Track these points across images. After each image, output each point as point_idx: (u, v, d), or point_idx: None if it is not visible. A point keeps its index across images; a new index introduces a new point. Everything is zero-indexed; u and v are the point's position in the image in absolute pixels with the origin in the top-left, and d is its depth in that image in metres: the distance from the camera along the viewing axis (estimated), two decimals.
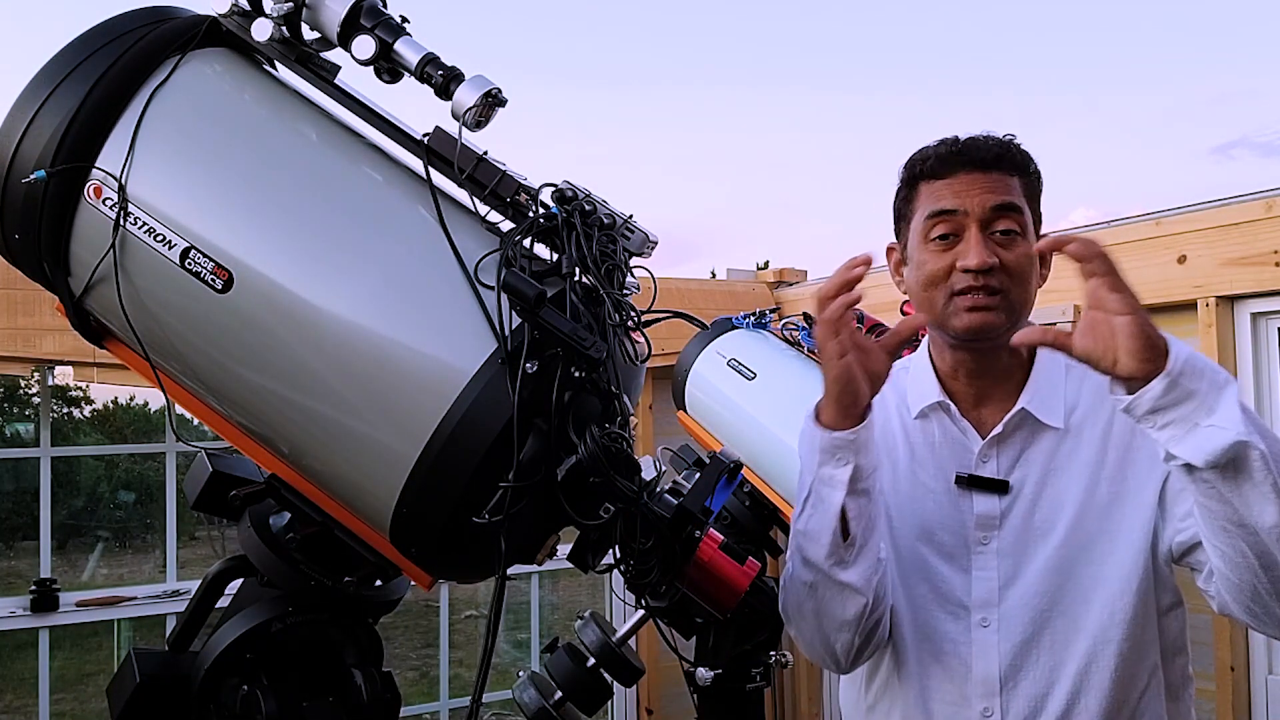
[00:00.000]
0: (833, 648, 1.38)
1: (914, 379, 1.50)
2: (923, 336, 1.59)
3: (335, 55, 1.30)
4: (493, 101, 1.22)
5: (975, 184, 1.36)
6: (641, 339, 1.25)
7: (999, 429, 1.40)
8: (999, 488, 1.38)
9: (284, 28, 1.25)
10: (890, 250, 1.50)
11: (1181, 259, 2.93)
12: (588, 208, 1.21)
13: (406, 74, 1.24)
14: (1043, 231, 1.43)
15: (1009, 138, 1.41)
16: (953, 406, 1.43)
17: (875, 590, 1.34)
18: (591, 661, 1.26)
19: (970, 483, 1.39)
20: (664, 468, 1.23)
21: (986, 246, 1.33)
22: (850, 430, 1.27)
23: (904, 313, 2.03)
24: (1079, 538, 1.35)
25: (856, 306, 1.24)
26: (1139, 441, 1.34)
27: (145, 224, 1.16)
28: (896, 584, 1.41)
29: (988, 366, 1.42)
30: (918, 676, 1.40)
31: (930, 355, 1.48)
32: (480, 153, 1.22)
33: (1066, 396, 1.40)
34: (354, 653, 1.33)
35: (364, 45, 1.22)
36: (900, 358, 1.55)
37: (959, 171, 1.37)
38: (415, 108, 1.26)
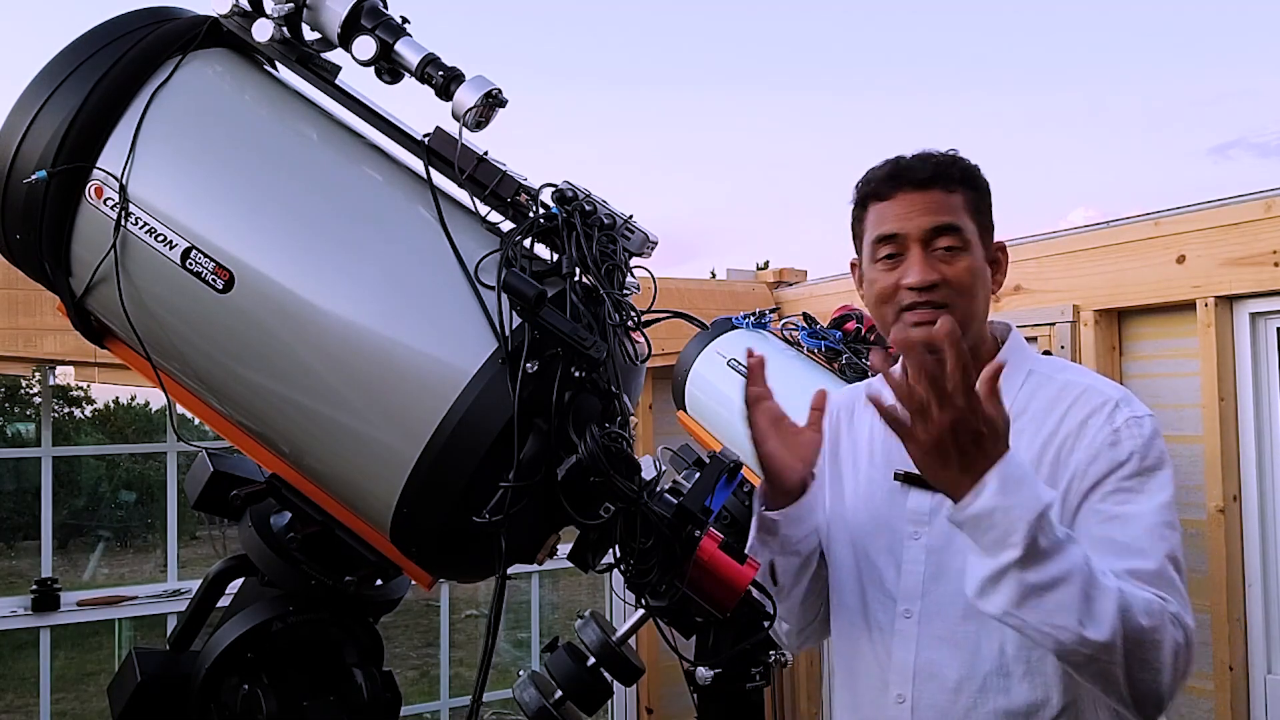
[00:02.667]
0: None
1: (886, 387, 1.55)
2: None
3: (336, 55, 1.30)
4: (493, 102, 1.22)
5: (915, 205, 1.43)
6: (641, 339, 1.25)
7: None
8: (930, 484, 1.42)
9: (284, 28, 1.25)
10: (853, 266, 1.59)
11: (1180, 259, 2.93)
12: (588, 208, 1.21)
13: (407, 74, 1.24)
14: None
15: (951, 153, 1.48)
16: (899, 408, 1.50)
17: (802, 619, 1.57)
18: (592, 661, 1.26)
19: (907, 479, 1.48)
20: (664, 468, 1.23)
21: (928, 264, 1.41)
22: (779, 510, 1.42)
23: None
24: None
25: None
26: (1075, 459, 1.38)
27: (146, 224, 1.16)
28: (849, 575, 1.52)
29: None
30: (848, 658, 1.53)
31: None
32: (480, 153, 1.22)
33: (1016, 401, 1.44)
34: (354, 652, 1.33)
35: (365, 46, 1.22)
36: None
37: (899, 192, 1.45)
38: (416, 108, 1.26)
